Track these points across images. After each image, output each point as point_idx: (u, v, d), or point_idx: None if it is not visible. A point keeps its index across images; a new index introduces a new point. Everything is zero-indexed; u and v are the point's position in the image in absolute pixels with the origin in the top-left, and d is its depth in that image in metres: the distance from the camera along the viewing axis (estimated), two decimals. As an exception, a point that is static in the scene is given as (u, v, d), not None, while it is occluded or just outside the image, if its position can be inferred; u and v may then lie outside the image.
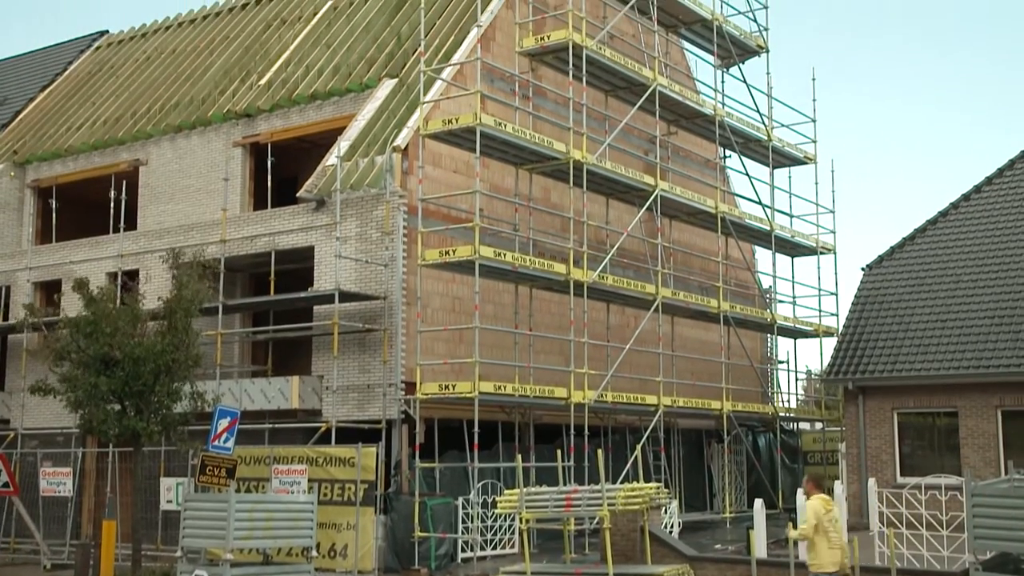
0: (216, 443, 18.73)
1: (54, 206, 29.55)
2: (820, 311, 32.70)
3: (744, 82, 31.31)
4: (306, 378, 22.83)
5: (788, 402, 34.30)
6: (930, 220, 28.63)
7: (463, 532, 21.16)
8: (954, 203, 28.69)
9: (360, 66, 26.67)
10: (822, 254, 32.79)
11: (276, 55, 29.37)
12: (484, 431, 21.48)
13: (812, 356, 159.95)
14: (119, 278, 24.13)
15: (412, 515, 20.67)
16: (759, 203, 30.82)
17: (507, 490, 18.13)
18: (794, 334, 33.05)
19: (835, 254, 33.11)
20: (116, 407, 19.64)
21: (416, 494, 20.92)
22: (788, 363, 44.35)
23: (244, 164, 27.32)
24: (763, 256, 34.51)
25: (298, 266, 24.22)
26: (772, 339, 34.39)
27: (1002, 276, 26.00)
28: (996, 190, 28.42)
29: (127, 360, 19.19)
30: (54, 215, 29.44)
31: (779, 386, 34.99)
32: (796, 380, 38.50)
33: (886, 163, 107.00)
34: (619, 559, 17.10)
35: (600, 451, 17.78)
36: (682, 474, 28.90)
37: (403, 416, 21.81)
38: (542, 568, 17.67)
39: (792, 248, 32.51)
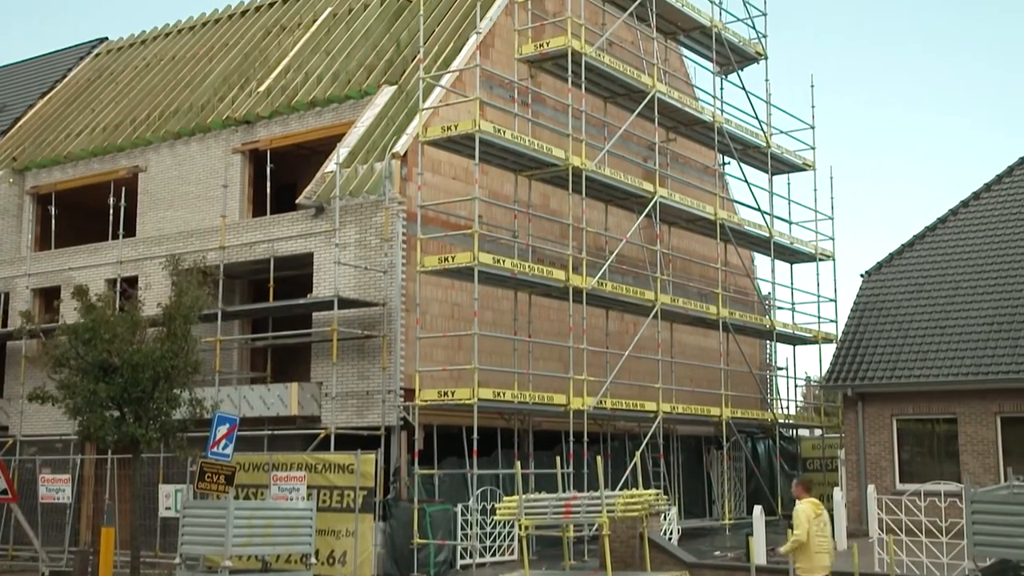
0: (215, 450, 18.72)
1: (53, 213, 29.54)
2: (819, 317, 32.70)
3: (743, 89, 31.39)
4: (305, 385, 22.83)
5: (787, 409, 34.26)
6: (929, 227, 28.65)
7: (462, 539, 21.14)
8: (953, 209, 28.71)
9: (359, 73, 26.70)
10: (821, 260, 32.80)
11: (276, 62, 29.40)
12: (483, 438, 21.47)
13: (811, 362, 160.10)
14: (118, 285, 24.14)
15: (411, 522, 20.65)
16: (758, 209, 30.86)
17: (506, 497, 18.12)
18: (793, 340, 33.05)
19: (834, 260, 33.15)
20: (115, 414, 19.62)
21: (415, 501, 20.89)
22: (787, 370, 44.43)
23: (243, 171, 27.33)
24: (762, 262, 34.56)
25: (297, 273, 24.22)
26: (771, 346, 34.39)
27: (1001, 283, 26.01)
28: (995, 197, 28.44)
29: (126, 367, 19.18)
30: (53, 222, 29.42)
31: (778, 393, 34.98)
32: (795, 386, 38.49)
33: (885, 169, 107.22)
34: (618, 566, 17.10)
35: (599, 458, 17.79)
36: (681, 481, 28.88)
37: (402, 423, 21.79)
38: (541, 575, 17.68)
39: (791, 254, 32.52)
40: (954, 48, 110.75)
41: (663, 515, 20.06)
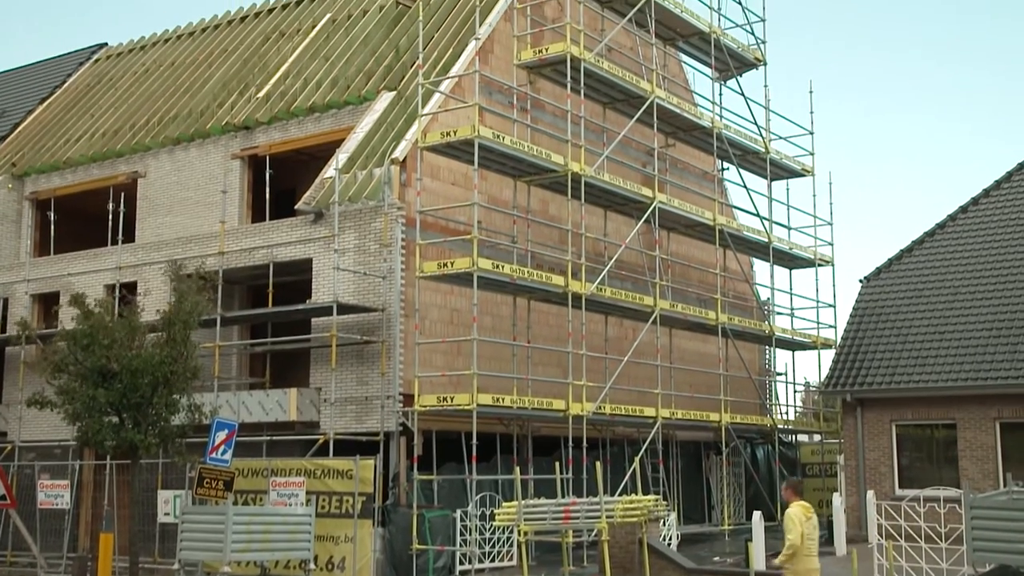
0: (214, 455, 18.72)
1: (52, 218, 29.56)
2: (818, 323, 32.72)
3: (742, 94, 31.41)
4: (304, 390, 22.82)
5: (786, 414, 34.30)
6: (928, 232, 28.65)
7: (461, 544, 21.12)
8: (952, 215, 28.72)
9: (358, 79, 26.72)
10: (820, 266, 32.80)
11: (275, 68, 29.43)
12: (482, 443, 21.46)
13: (810, 368, 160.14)
14: (117, 290, 24.14)
15: (410, 528, 20.64)
16: (757, 215, 30.86)
17: (505, 502, 18.14)
18: (792, 346, 33.05)
19: (833, 266, 33.15)
20: (114, 419, 19.62)
21: (414, 506, 20.88)
22: (786, 375, 44.46)
23: (242, 176, 27.33)
24: (761, 268, 34.56)
25: (296, 278, 24.22)
26: (770, 351, 34.39)
27: (1000, 288, 26.01)
28: (994, 202, 28.45)
29: (125, 372, 19.18)
30: (52, 227, 29.44)
31: (777, 398, 34.99)
32: (794, 392, 38.48)
33: (884, 175, 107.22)
34: (617, 571, 17.09)
35: (598, 463, 17.79)
36: (680, 486, 28.86)
37: (401, 428, 21.78)
38: (540, 581, 17.67)
39: (790, 260, 32.54)
40: (953, 54, 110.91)
41: (662, 521, 20.03)
